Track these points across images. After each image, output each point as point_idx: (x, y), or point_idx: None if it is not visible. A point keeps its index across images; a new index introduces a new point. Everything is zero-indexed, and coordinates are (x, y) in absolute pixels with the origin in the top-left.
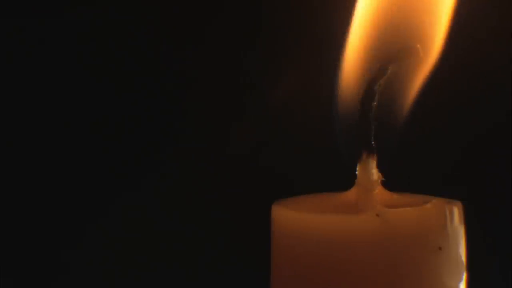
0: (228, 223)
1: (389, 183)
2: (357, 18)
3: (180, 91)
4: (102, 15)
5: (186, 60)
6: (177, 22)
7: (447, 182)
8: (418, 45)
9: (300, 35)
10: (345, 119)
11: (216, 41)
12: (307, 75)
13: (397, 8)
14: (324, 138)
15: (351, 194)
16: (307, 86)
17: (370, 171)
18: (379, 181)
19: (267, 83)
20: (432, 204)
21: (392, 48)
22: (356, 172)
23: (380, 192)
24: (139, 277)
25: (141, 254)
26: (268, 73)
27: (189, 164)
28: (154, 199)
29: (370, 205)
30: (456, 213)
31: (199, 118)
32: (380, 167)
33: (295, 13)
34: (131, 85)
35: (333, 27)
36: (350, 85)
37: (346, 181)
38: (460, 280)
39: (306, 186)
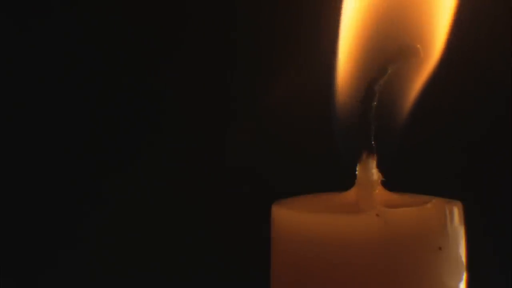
0: (228, 223)
1: (389, 183)
2: (352, 17)
3: (181, 91)
4: (96, 16)
5: (183, 61)
6: (173, 22)
7: (447, 182)
8: (419, 45)
9: (296, 35)
10: (344, 119)
11: (217, 40)
12: (307, 75)
13: (394, 6)
14: (324, 138)
15: (351, 194)
16: (307, 86)
17: (370, 171)
18: (379, 181)
19: (267, 83)
20: (432, 204)
21: (391, 48)
22: (356, 172)
23: (380, 192)
24: (138, 278)
25: (140, 255)
26: (268, 74)
27: (188, 164)
28: (153, 199)
29: (370, 205)
30: (456, 213)
31: (199, 118)
32: (380, 167)
33: (290, 12)
34: (128, 86)
35: (329, 26)
36: (348, 84)
37: (346, 181)
38: (460, 280)
39: (306, 186)
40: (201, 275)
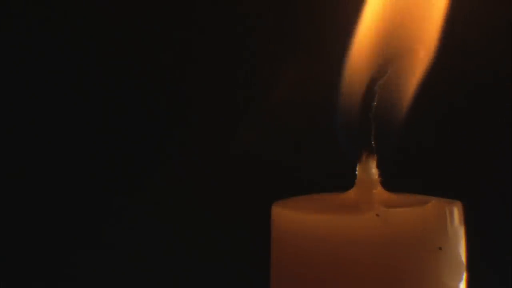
0: (228, 223)
1: (389, 183)
2: (363, 18)
3: (180, 91)
4: (105, 15)
5: (185, 58)
6: (178, 20)
7: (447, 182)
8: (418, 45)
9: (303, 33)
10: (345, 119)
11: (218, 38)
12: (308, 76)
13: (395, 7)
14: (324, 138)
15: (351, 194)
16: (307, 86)
17: (370, 171)
18: (379, 181)
19: (266, 82)
20: (432, 204)
21: (391, 48)
22: (356, 172)
23: (380, 192)
24: (137, 277)
25: (139, 254)
26: (269, 72)
27: (188, 165)
28: (153, 199)
29: (370, 205)
30: (456, 213)
31: (199, 118)
32: (380, 167)
33: (296, 12)
34: (130, 86)
35: (335, 27)
36: (354, 85)
37: (346, 181)
38: (460, 280)
39: (306, 186)
40: (201, 275)
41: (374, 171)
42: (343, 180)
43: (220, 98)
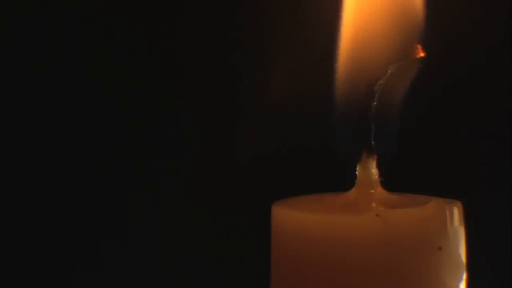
0: (228, 223)
1: (389, 183)
2: (352, 17)
3: (179, 93)
4: (101, 15)
5: (180, 60)
6: (175, 24)
7: (447, 182)
8: (419, 45)
9: (296, 36)
10: (345, 119)
11: (217, 38)
12: (307, 75)
13: (393, 7)
14: (324, 138)
15: (351, 194)
16: (307, 86)
17: (370, 171)
18: (379, 181)
19: (265, 82)
20: (432, 204)
21: (391, 48)
22: (356, 172)
23: (380, 192)
24: (137, 277)
25: (139, 254)
26: (267, 73)
27: (188, 165)
28: (153, 199)
29: (370, 205)
30: (456, 213)
31: (198, 118)
32: (380, 167)
33: (291, 13)
34: (128, 88)
35: (330, 27)
36: (350, 84)
37: (346, 181)
38: (460, 280)
39: (306, 186)
40: (201, 275)
41: (374, 171)
42: (343, 180)
43: (220, 98)
